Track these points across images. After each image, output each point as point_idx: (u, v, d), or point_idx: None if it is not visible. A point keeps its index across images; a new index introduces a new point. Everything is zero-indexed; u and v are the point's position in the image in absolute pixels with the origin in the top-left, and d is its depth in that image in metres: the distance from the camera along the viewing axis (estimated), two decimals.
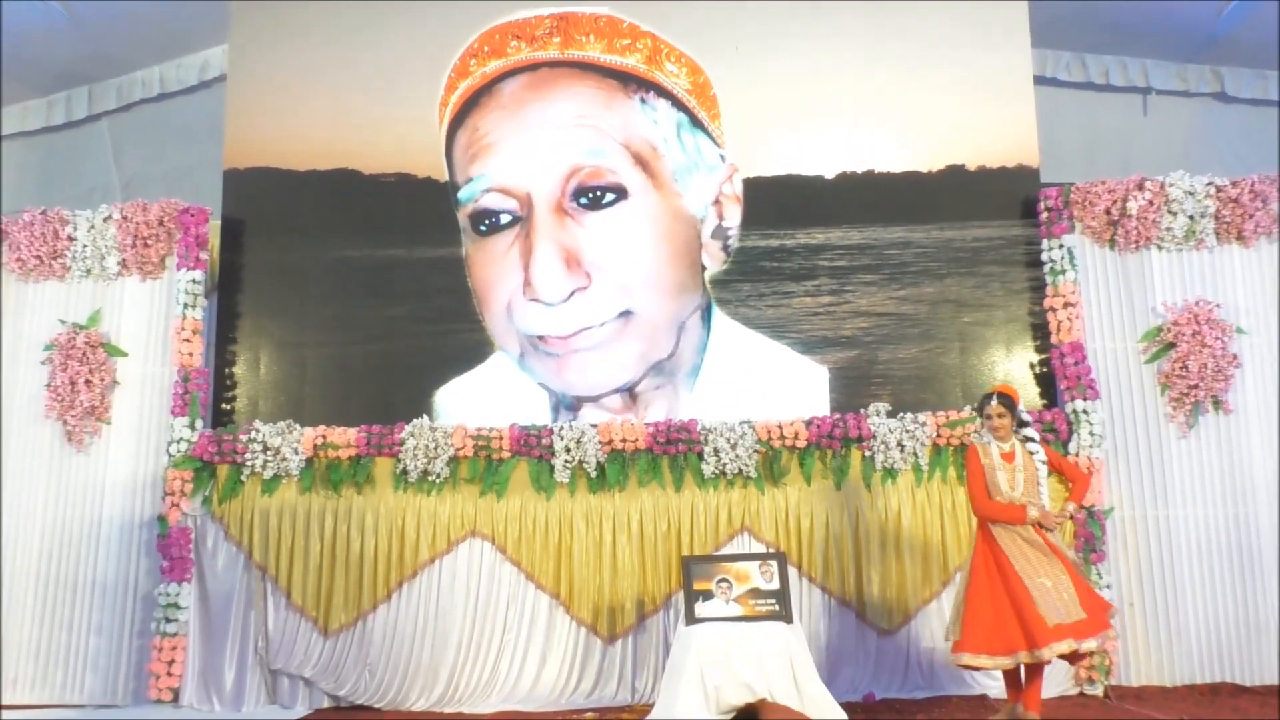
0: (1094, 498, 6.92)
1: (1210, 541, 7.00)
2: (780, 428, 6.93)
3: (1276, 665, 6.78)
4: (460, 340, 7.03)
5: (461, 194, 6.76)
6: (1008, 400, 5.65)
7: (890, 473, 6.88)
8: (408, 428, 6.94)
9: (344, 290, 7.28)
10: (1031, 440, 5.67)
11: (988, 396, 5.68)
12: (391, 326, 7.05)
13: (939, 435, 6.92)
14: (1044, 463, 5.63)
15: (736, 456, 6.85)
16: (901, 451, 6.90)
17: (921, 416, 6.95)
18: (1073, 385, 7.07)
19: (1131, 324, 7.21)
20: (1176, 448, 7.07)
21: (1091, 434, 6.99)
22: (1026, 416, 5.78)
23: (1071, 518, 5.60)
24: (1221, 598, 6.92)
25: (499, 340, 6.90)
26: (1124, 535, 7.02)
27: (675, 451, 6.89)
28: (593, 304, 6.65)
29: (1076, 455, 6.97)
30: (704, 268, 6.98)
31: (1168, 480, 7.04)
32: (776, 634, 5.83)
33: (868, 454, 6.92)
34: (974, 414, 6.29)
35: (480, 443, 6.92)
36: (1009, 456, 5.63)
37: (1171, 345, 7.11)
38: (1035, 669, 5.46)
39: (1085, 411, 7.01)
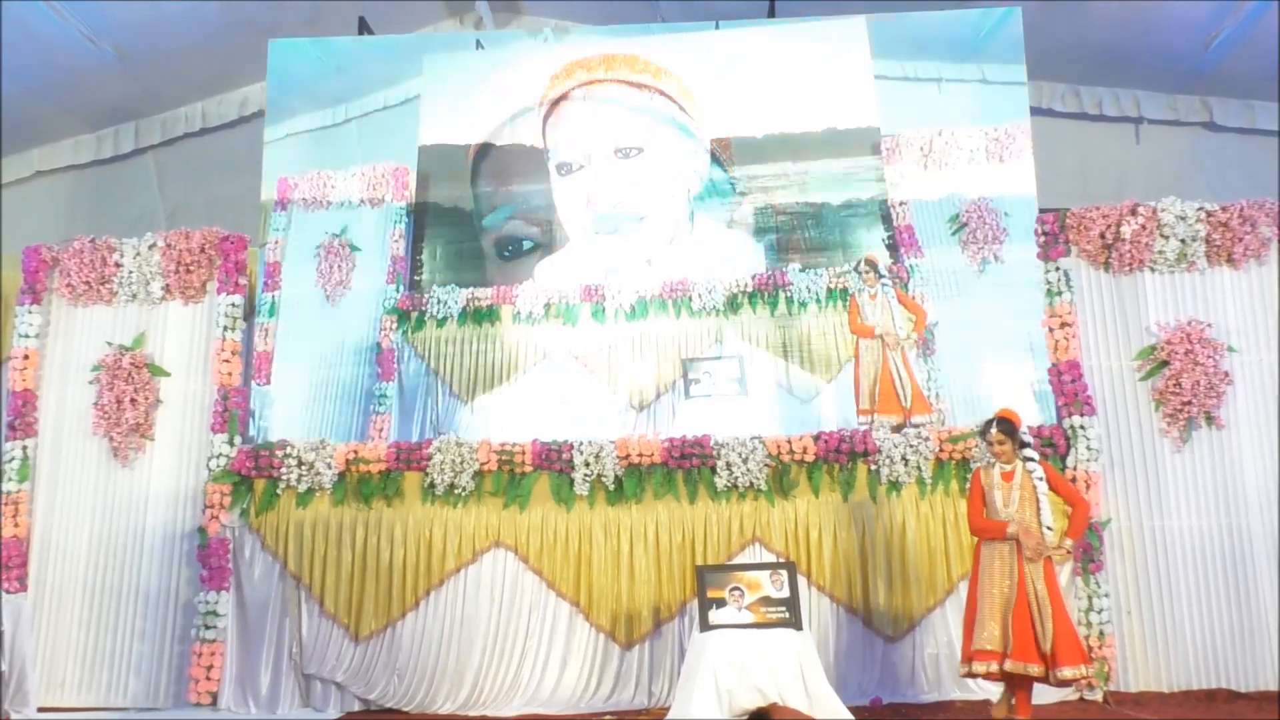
0: (1092, 510, 6.87)
1: (1205, 551, 6.98)
2: (789, 442, 6.95)
3: (1271, 670, 6.82)
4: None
5: None
6: (1008, 427, 5.64)
7: (895, 486, 6.87)
8: (435, 443, 7.00)
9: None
10: (1031, 460, 5.67)
11: (989, 423, 5.68)
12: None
13: (942, 450, 6.93)
14: (1042, 479, 5.61)
15: (748, 470, 6.86)
16: (906, 465, 6.91)
17: (925, 431, 7.02)
18: (1070, 402, 7.07)
19: (1126, 343, 7.21)
20: (1171, 461, 7.07)
21: (1089, 448, 7.00)
22: (1028, 438, 5.77)
23: (1068, 552, 5.56)
24: (1216, 605, 6.90)
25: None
26: (1121, 545, 7.02)
27: (689, 465, 6.90)
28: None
29: (1074, 469, 6.97)
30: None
31: (1163, 492, 7.04)
32: (787, 640, 5.83)
33: (873, 468, 6.92)
34: (975, 431, 6.29)
35: (504, 457, 6.95)
36: (1008, 476, 5.64)
37: (1165, 363, 7.11)
38: (1021, 680, 5.49)
39: (1082, 427, 7.02)
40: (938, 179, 8.41)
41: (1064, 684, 5.41)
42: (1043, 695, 6.55)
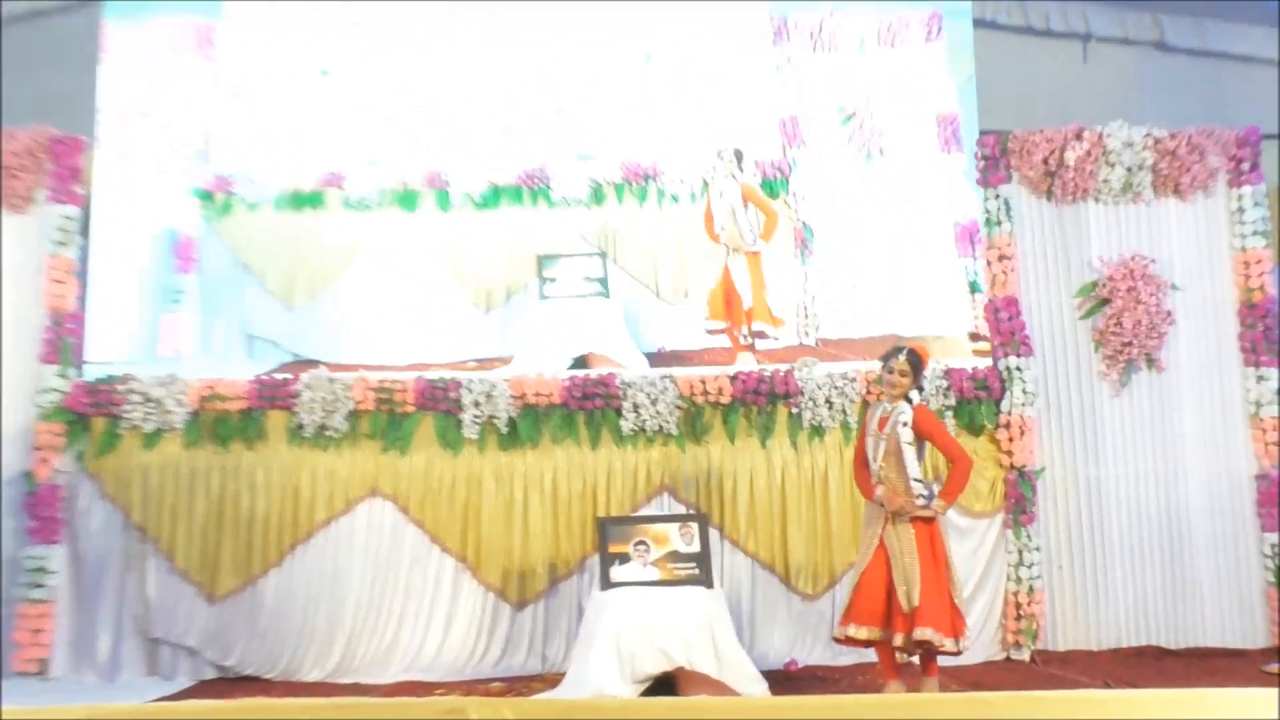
0: (1026, 457, 6.84)
1: (1139, 501, 6.94)
2: (704, 382, 6.80)
3: (1201, 627, 6.80)
4: None
5: None
6: (915, 360, 5.29)
7: (818, 431, 6.77)
8: (304, 378, 6.68)
9: None
10: (905, 402, 5.31)
11: (896, 350, 5.36)
12: None
13: (869, 392, 6.81)
14: (906, 425, 5.24)
15: (657, 413, 6.71)
16: (830, 409, 6.75)
17: (851, 372, 6.85)
18: (1006, 341, 6.96)
19: (1067, 278, 7.11)
20: (1109, 406, 6.99)
21: (1025, 392, 6.89)
22: (923, 383, 5.51)
23: (935, 514, 5.27)
24: (1149, 558, 6.87)
25: None
26: (1055, 495, 6.94)
27: (592, 407, 6.74)
28: None
29: (1009, 414, 6.87)
30: None
31: (1099, 439, 6.96)
32: (696, 599, 5.80)
33: (795, 411, 6.80)
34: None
35: (382, 395, 6.67)
36: (883, 421, 5.32)
37: (1106, 301, 7.01)
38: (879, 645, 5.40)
39: (1019, 369, 6.92)
40: (828, 64, 8.67)
41: (921, 645, 5.20)
42: (970, 655, 6.49)
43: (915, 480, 5.27)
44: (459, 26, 8.84)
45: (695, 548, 5.97)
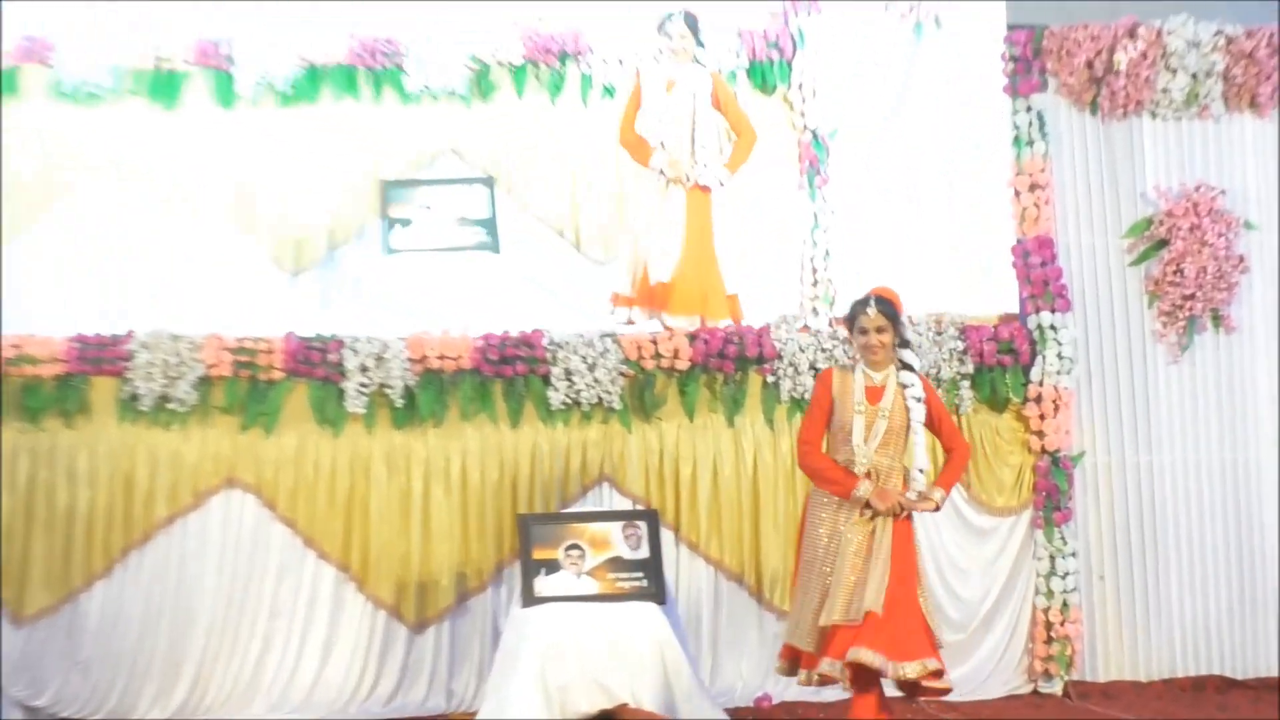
0: (1061, 439, 6.92)
1: (1202, 496, 7.04)
2: (655, 343, 6.80)
3: (1274, 653, 6.93)
4: None
5: None
6: (890, 308, 5.20)
7: (799, 405, 6.80)
8: (140, 336, 6.64)
9: None
10: (909, 371, 5.31)
11: (863, 301, 5.26)
12: None
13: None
14: (920, 402, 5.22)
15: (595, 381, 6.73)
16: (815, 378, 6.71)
17: (841, 330, 6.85)
18: (1038, 293, 7.02)
19: (1115, 213, 7.17)
20: (1165, 375, 7.08)
21: (1060, 356, 6.94)
22: (911, 335, 5.50)
23: (937, 507, 5.29)
24: (1214, 569, 7.01)
25: None
26: (1096, 488, 7.03)
27: (513, 373, 6.75)
28: None
29: (1040, 384, 6.95)
30: None
31: (1153, 417, 7.06)
32: (644, 618, 5.84)
33: (771, 380, 6.84)
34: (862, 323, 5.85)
35: (242, 358, 6.63)
36: (876, 393, 5.22)
37: (1164, 243, 7.09)
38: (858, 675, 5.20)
39: (1054, 327, 6.97)
40: None
41: (909, 687, 5.17)
42: (989, 689, 6.73)
43: (920, 471, 5.25)
44: None
45: (643, 553, 6.00)
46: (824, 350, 6.83)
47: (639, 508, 6.60)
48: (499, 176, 7.95)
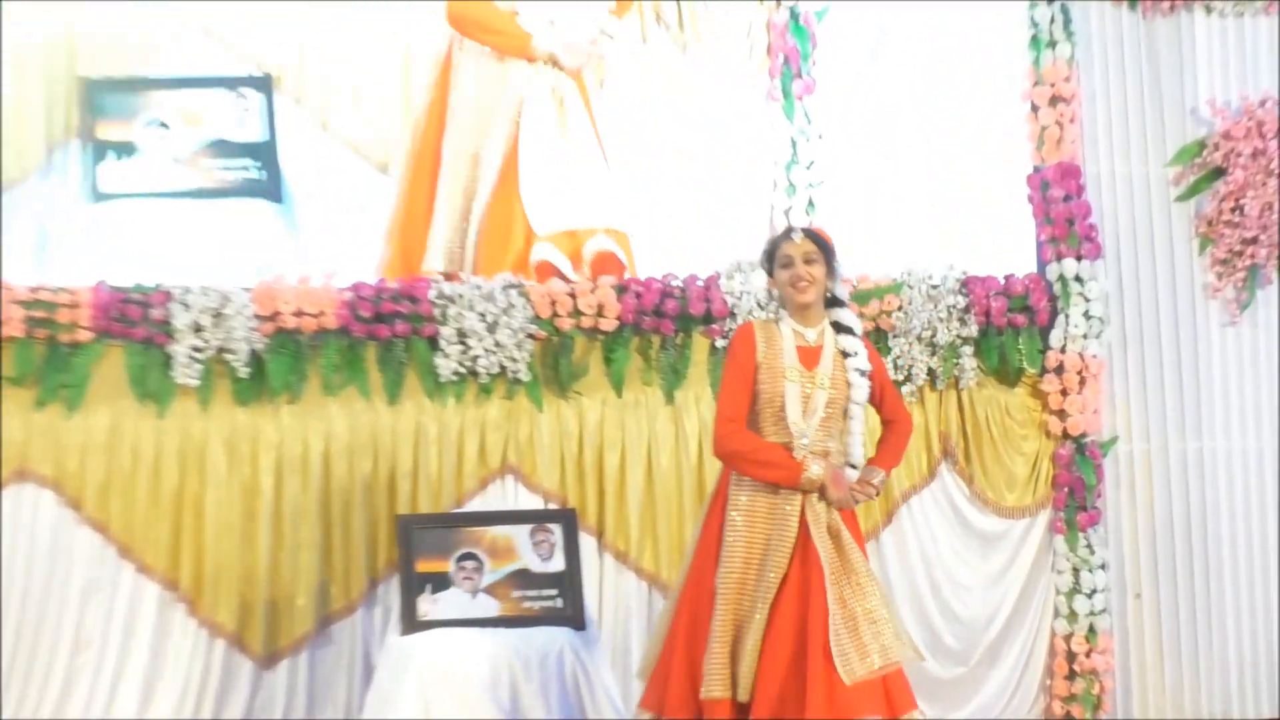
0: (1088, 421, 6.99)
1: (1265, 493, 7.16)
2: (573, 296, 6.83)
3: None
4: None
5: None
6: (822, 241, 5.25)
7: None
8: None
9: None
10: (849, 333, 5.23)
11: (786, 232, 5.32)
12: None
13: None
14: (864, 376, 5.20)
15: (497, 345, 6.74)
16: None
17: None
18: (1061, 235, 7.08)
19: (1158, 135, 7.26)
20: (1220, 340, 7.21)
21: (1087, 316, 7.02)
22: (844, 291, 5.33)
23: (877, 492, 5.32)
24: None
25: None
26: (1131, 483, 7.13)
27: (390, 335, 6.74)
28: None
29: (1063, 351, 7.04)
30: None
31: (1204, 393, 7.17)
32: (558, 647, 5.89)
33: (721, 343, 6.90)
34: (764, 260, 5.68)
35: (38, 314, 6.55)
36: (811, 356, 5.19)
37: (1220, 172, 7.16)
38: None
39: (1079, 279, 7.05)
40: None
41: None
42: None
43: (853, 468, 5.22)
44: None
45: (557, 564, 6.06)
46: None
47: (552, 507, 6.62)
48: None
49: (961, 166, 7.69)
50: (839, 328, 5.25)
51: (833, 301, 5.26)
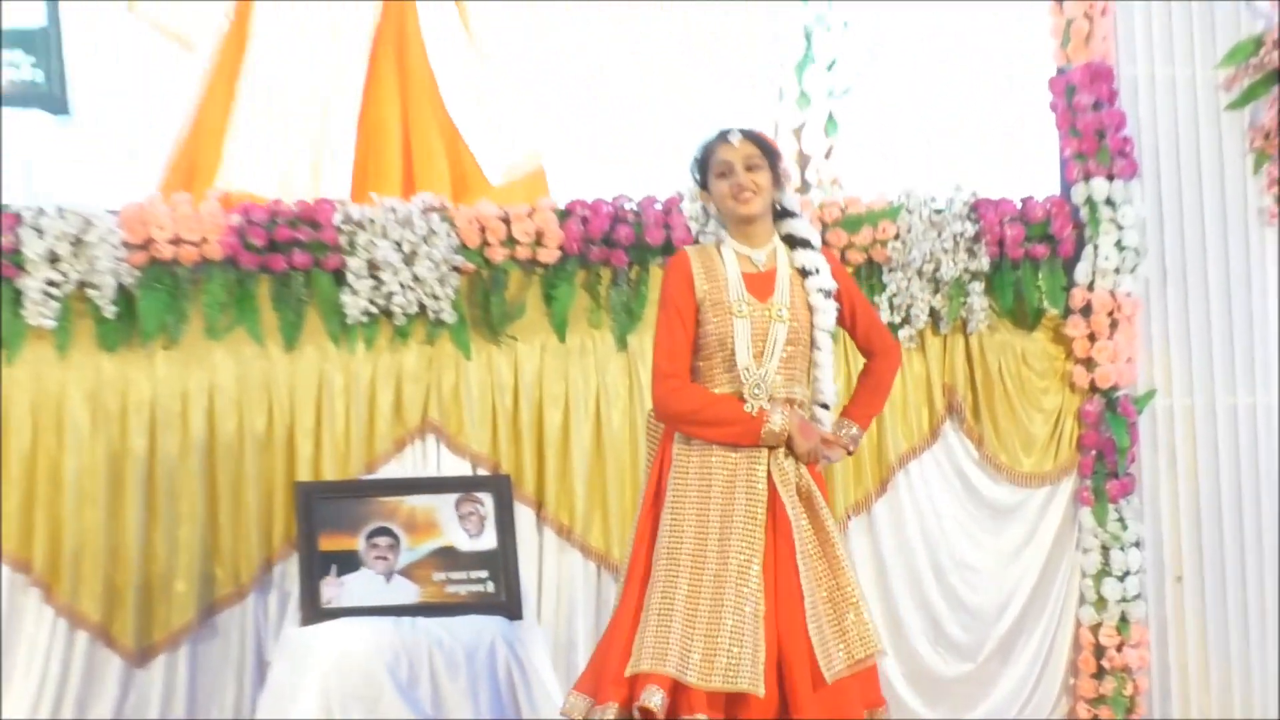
0: (1119, 372, 7.06)
1: None
2: (506, 222, 6.86)
3: None
4: None
5: None
6: (765, 142, 5.09)
7: None
8: None
9: None
10: (805, 247, 5.11)
11: (721, 134, 5.11)
12: None
13: (829, 237, 6.96)
14: (828, 297, 5.02)
15: (416, 279, 6.79)
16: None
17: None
18: (1089, 150, 7.14)
19: (1206, 31, 7.34)
20: (1277, 274, 7.30)
21: (1120, 246, 7.11)
22: (794, 202, 5.18)
23: (849, 451, 5.17)
24: None
25: None
26: (1171, 445, 7.26)
27: (287, 266, 6.76)
28: None
29: (1090, 288, 7.13)
30: None
31: (1257, 338, 7.28)
32: (490, 640, 5.92)
33: None
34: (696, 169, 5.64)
35: None
36: (762, 283, 5.03)
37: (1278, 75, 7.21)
38: None
39: (1111, 202, 7.12)
40: None
41: None
42: None
43: (823, 408, 5.09)
44: None
45: (488, 541, 6.13)
46: None
47: (482, 473, 6.65)
48: None
49: (972, 68, 7.66)
50: (793, 242, 5.10)
51: (783, 214, 5.14)
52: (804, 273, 5.06)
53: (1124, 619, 6.95)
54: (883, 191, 7.25)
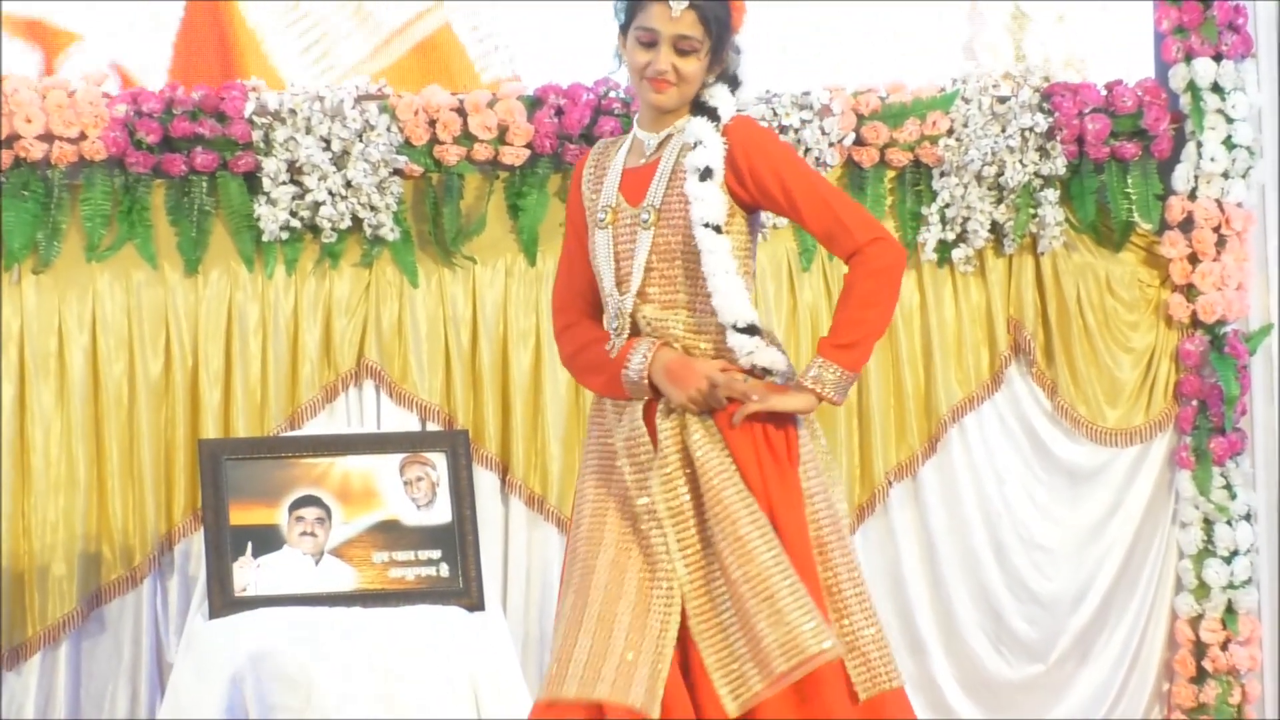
0: (1229, 303, 7.13)
1: None
2: (461, 113, 6.93)
3: None
4: None
5: None
6: (712, 18, 4.63)
7: None
8: None
9: None
10: (706, 117, 4.65)
11: None
12: None
13: (864, 134, 7.10)
14: (705, 179, 4.53)
15: (349, 186, 6.87)
16: None
17: (817, 88, 7.16)
18: (1191, 22, 7.18)
19: None
20: None
21: (1231, 144, 7.18)
22: (738, 70, 4.78)
23: (819, 400, 4.59)
24: None
25: None
26: None
27: (186, 169, 6.84)
28: None
29: (1192, 198, 7.21)
30: None
31: None
32: (444, 637, 5.96)
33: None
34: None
35: None
36: (640, 180, 4.72)
37: None
38: None
39: (1219, 88, 7.19)
40: None
41: None
42: None
43: (739, 330, 4.61)
44: None
45: (441, 514, 6.19)
46: (775, 125, 7.00)
47: (433, 429, 6.78)
48: None
49: None
50: (698, 110, 4.69)
51: (721, 76, 4.77)
52: (692, 132, 4.66)
53: (1230, 610, 6.97)
54: (932, 76, 7.29)
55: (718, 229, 4.51)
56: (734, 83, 4.76)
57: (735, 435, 4.53)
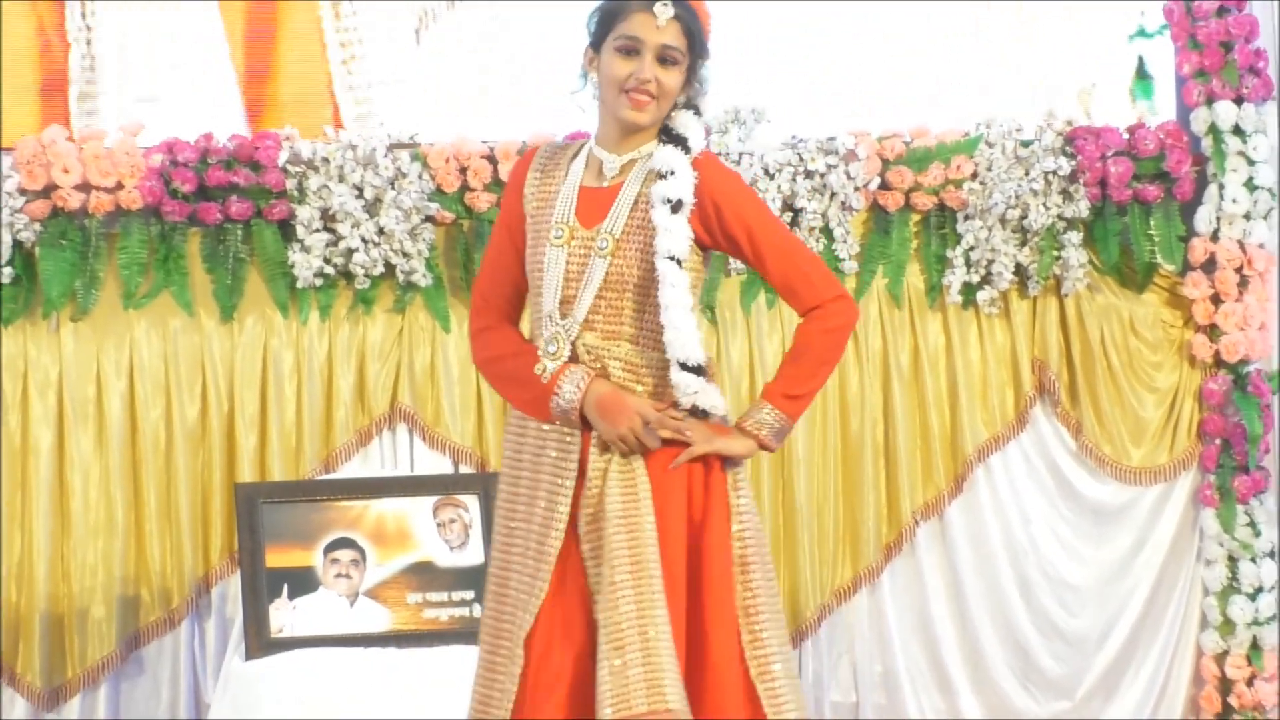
0: (1251, 342, 7.12)
1: None
2: (491, 158, 6.98)
3: None
4: None
5: None
6: (695, 28, 4.60)
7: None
8: None
9: None
10: (676, 146, 4.59)
11: None
12: None
13: (889, 178, 7.08)
14: (674, 211, 4.47)
15: (381, 233, 6.86)
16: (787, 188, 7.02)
17: (842, 133, 7.06)
18: (1214, 66, 7.17)
19: None
20: None
21: (1253, 186, 7.17)
22: (704, 96, 4.72)
23: (740, 453, 4.57)
24: None
25: None
26: None
27: (221, 218, 6.88)
28: None
29: (1214, 239, 7.20)
30: None
31: None
32: None
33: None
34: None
35: None
36: (598, 201, 4.62)
37: None
38: None
39: (1241, 130, 7.17)
40: None
41: None
42: None
43: (686, 368, 4.53)
44: None
45: (474, 555, 6.18)
46: (801, 169, 7.01)
47: (465, 471, 6.78)
48: None
49: None
50: (666, 139, 4.60)
51: (686, 103, 4.69)
52: (659, 176, 4.56)
53: (1255, 646, 6.96)
54: (957, 119, 7.29)
55: (679, 263, 4.46)
56: (698, 112, 4.66)
57: (691, 470, 4.48)
